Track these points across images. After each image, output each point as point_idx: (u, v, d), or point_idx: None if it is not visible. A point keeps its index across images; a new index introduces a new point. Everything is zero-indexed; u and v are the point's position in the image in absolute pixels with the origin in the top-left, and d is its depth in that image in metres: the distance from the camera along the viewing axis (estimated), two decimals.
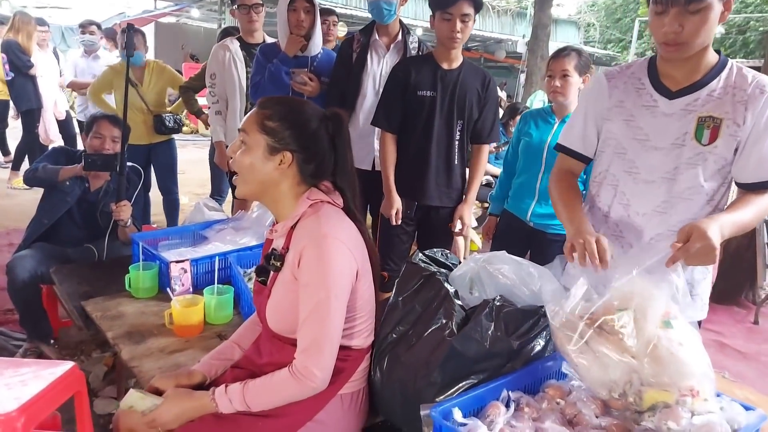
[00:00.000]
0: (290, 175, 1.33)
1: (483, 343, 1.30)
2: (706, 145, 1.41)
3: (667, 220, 1.47)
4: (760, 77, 1.40)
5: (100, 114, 2.71)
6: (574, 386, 1.28)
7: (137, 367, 1.60)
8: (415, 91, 2.30)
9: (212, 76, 3.21)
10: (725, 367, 3.03)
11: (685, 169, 1.44)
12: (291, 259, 1.30)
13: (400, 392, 1.34)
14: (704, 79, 1.42)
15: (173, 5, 12.61)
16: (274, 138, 1.30)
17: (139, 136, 3.80)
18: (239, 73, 3.16)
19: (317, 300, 1.24)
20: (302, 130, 1.31)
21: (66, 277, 2.21)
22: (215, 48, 3.23)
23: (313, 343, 1.24)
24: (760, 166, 1.39)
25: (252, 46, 3.19)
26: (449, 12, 2.18)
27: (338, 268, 1.26)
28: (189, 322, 1.79)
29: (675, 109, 1.45)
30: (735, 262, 3.91)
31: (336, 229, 1.29)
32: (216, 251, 2.18)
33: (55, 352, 2.50)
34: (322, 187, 1.38)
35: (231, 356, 1.50)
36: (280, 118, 1.30)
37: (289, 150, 1.30)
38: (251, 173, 1.32)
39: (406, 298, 1.45)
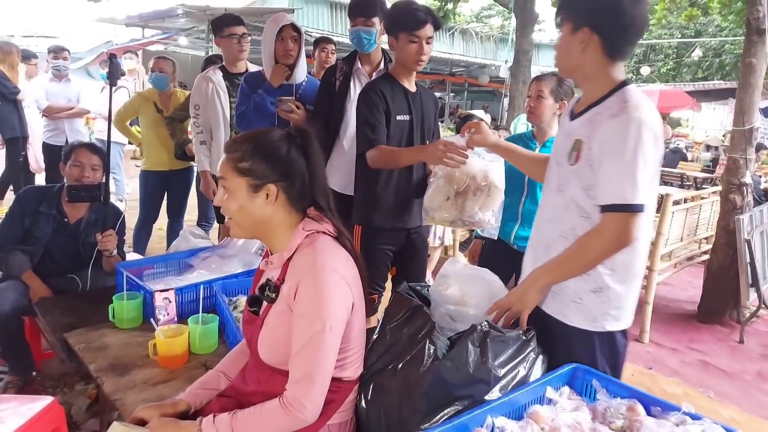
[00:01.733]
0: (280, 205, 1.33)
1: (467, 369, 1.31)
2: (573, 165, 1.48)
3: (558, 227, 1.53)
4: (630, 104, 1.38)
5: (78, 142, 2.70)
6: (558, 412, 1.29)
7: (120, 400, 1.58)
8: (394, 116, 2.30)
9: (196, 107, 3.22)
10: (710, 386, 3.05)
11: (565, 184, 1.51)
12: (287, 291, 1.30)
13: (386, 420, 1.34)
14: (594, 103, 1.47)
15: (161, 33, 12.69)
16: (252, 177, 1.30)
17: (160, 162, 3.88)
18: (222, 104, 3.18)
19: (312, 332, 1.24)
20: (275, 159, 1.32)
21: (49, 309, 2.18)
22: (198, 79, 3.24)
23: (306, 375, 1.24)
24: (601, 190, 1.40)
25: (235, 76, 3.22)
26: (416, 35, 2.18)
27: (335, 300, 1.26)
28: (173, 352, 1.77)
29: (570, 129, 1.54)
30: (718, 282, 3.96)
31: (333, 261, 1.29)
32: (201, 279, 2.17)
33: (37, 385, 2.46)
34: (313, 216, 1.39)
35: (217, 386, 1.49)
36: (251, 156, 1.31)
37: (270, 182, 1.31)
38: (242, 216, 1.33)
39: (393, 328, 1.46)
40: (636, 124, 1.34)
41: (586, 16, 1.43)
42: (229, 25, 3.14)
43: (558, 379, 1.40)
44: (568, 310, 1.50)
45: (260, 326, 1.36)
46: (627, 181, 1.34)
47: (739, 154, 3.78)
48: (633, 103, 1.37)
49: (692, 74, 19.33)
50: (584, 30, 1.42)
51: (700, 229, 4.27)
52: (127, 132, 4.17)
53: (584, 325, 1.49)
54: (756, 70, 3.65)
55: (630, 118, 1.35)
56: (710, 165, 9.33)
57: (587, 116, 1.48)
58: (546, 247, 1.55)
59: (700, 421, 1.22)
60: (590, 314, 1.48)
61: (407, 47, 2.20)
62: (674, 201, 3.69)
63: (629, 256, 1.44)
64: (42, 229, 2.45)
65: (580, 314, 1.49)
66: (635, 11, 1.38)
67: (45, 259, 2.48)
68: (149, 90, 4.01)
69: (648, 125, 1.35)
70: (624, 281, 1.47)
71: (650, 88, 13.58)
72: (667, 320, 4.02)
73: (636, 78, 19.24)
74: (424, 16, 2.16)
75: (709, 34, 18.45)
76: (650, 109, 1.39)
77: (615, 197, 1.35)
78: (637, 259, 1.48)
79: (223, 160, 1.34)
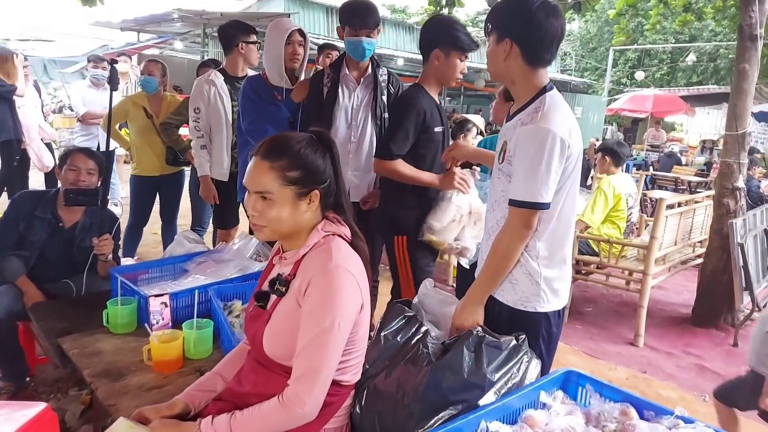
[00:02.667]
0: (315, 208, 1.36)
1: (461, 374, 1.31)
2: (501, 164, 1.65)
3: (495, 215, 1.71)
4: (540, 113, 1.54)
5: (75, 147, 2.70)
6: (551, 416, 1.30)
7: (114, 405, 1.57)
8: (432, 128, 2.32)
9: (196, 110, 3.21)
10: (705, 390, 3.06)
11: (497, 179, 1.70)
12: (297, 286, 1.31)
13: (380, 425, 1.35)
14: (520, 109, 1.63)
15: (156, 38, 12.70)
16: (300, 185, 1.32)
17: (150, 167, 3.88)
18: (225, 108, 3.19)
19: (320, 328, 1.24)
20: (316, 166, 1.34)
21: (43, 314, 2.17)
22: (199, 82, 3.23)
23: (309, 371, 1.25)
24: (511, 186, 1.58)
25: (236, 80, 3.23)
26: (467, 55, 2.28)
27: (346, 298, 1.27)
28: (168, 357, 1.77)
29: (503, 130, 1.74)
30: (712, 285, 3.97)
31: (347, 261, 1.31)
32: (197, 284, 2.17)
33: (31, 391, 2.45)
34: (331, 218, 1.41)
35: (214, 387, 1.49)
36: (298, 166, 1.31)
37: (315, 188, 1.34)
38: (283, 223, 1.33)
39: (388, 335, 1.48)
40: (542, 134, 1.50)
41: (506, 28, 1.58)
42: (256, 32, 3.26)
43: (551, 384, 1.41)
44: (506, 292, 1.64)
45: (267, 320, 1.36)
46: (532, 182, 1.51)
47: (733, 158, 3.80)
48: (543, 113, 1.53)
49: (687, 79, 19.44)
50: (506, 41, 1.57)
51: (694, 233, 4.29)
52: (115, 136, 4.14)
53: (519, 305, 1.62)
54: (749, 75, 3.68)
55: (538, 128, 1.51)
56: (704, 169, 9.38)
57: (513, 121, 1.64)
58: (489, 232, 1.73)
59: (693, 424, 1.23)
60: (524, 295, 1.62)
61: (454, 64, 2.28)
62: (668, 205, 3.71)
63: (552, 244, 1.60)
64: (37, 234, 2.44)
65: (516, 295, 1.63)
66: (548, 23, 1.53)
67: (39, 263, 2.47)
68: (138, 94, 3.98)
69: (552, 134, 1.49)
70: (551, 267, 1.61)
71: (645, 92, 13.65)
72: (662, 324, 4.03)
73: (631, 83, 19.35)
74: (475, 40, 2.28)
75: (704, 38, 18.57)
76: (560, 118, 1.53)
77: (518, 194, 1.54)
78: (561, 247, 1.64)
79: (263, 170, 1.31)
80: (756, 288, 3.81)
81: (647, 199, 6.98)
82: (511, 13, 1.58)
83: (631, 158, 10.50)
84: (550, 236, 1.59)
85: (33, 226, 2.44)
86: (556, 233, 1.60)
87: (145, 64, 3.92)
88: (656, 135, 12.27)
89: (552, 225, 1.58)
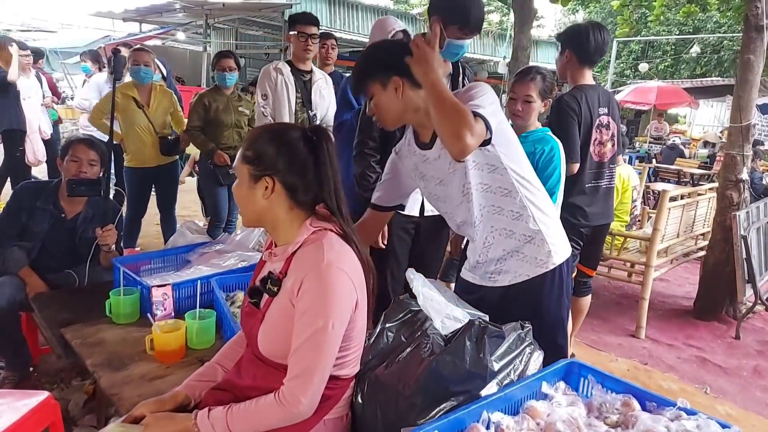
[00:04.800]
0: (280, 200, 1.33)
1: (463, 364, 1.31)
2: None
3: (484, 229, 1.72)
4: None
5: (76, 137, 2.69)
6: (553, 407, 1.30)
7: (117, 395, 1.57)
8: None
9: (264, 96, 3.20)
10: (706, 382, 3.07)
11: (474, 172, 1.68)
12: (290, 285, 1.29)
13: (381, 415, 1.34)
14: None
15: (158, 28, 12.66)
16: (254, 165, 1.31)
17: (145, 159, 3.85)
18: (290, 97, 3.19)
19: (315, 329, 1.23)
20: (278, 153, 1.31)
21: (46, 304, 2.18)
22: (267, 69, 3.23)
23: (305, 371, 1.24)
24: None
25: (301, 72, 3.25)
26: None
27: (339, 297, 1.25)
28: (170, 347, 1.77)
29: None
30: (714, 278, 3.97)
31: (339, 258, 1.28)
32: (199, 275, 2.17)
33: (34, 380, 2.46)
34: (321, 213, 1.38)
35: (214, 377, 1.48)
36: (257, 145, 1.32)
37: (268, 175, 1.31)
38: (244, 204, 1.36)
39: (391, 327, 1.48)
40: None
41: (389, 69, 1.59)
42: (301, 23, 3.16)
43: (553, 375, 1.41)
44: (521, 269, 1.66)
45: (261, 319, 1.35)
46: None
47: (736, 150, 3.78)
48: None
49: (690, 71, 19.30)
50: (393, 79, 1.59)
51: (697, 226, 4.28)
52: (105, 128, 3.94)
53: (539, 271, 1.66)
54: (754, 66, 3.65)
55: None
56: (708, 161, 9.34)
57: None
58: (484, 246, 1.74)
59: (695, 416, 1.22)
60: (536, 260, 1.65)
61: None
62: (671, 197, 3.70)
63: (538, 199, 1.66)
64: (39, 225, 2.45)
65: (530, 264, 1.66)
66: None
67: (42, 254, 2.47)
68: (126, 84, 3.89)
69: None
70: (544, 221, 1.66)
71: (648, 84, 13.56)
72: (664, 316, 4.03)
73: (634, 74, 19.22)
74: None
75: (708, 30, 18.42)
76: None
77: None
78: (545, 199, 1.70)
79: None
80: (759, 280, 3.81)
81: (650, 192, 6.95)
82: (379, 55, 1.65)
83: (634, 150, 10.46)
84: (536, 195, 1.66)
85: (35, 217, 2.44)
86: (539, 192, 1.68)
87: (135, 54, 3.81)
88: (659, 127, 12.20)
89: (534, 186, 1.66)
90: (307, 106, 3.24)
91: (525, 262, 1.66)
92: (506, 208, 1.63)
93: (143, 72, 3.78)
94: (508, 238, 1.65)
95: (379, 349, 1.47)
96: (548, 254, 1.66)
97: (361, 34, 12.67)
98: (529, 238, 1.64)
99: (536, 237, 1.64)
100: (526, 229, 1.64)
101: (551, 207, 1.73)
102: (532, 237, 1.64)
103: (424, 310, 1.54)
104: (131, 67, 3.77)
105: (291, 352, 1.26)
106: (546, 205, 1.70)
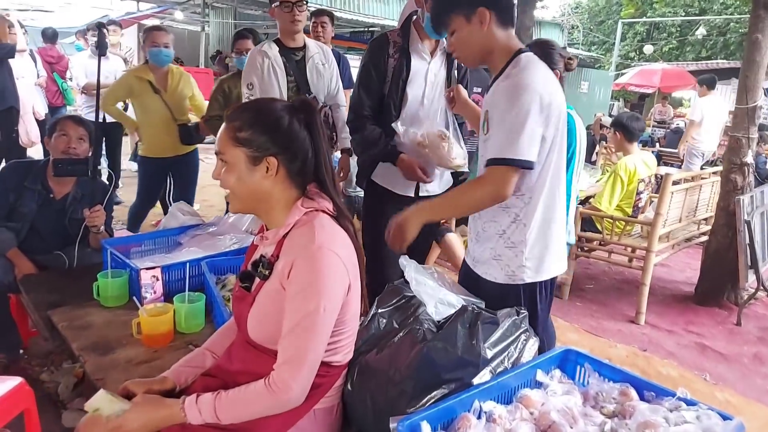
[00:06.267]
0: (280, 180, 1.28)
1: (455, 351, 1.27)
2: (486, 134, 1.57)
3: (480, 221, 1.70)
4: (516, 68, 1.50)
5: (62, 115, 2.63)
6: (548, 396, 1.26)
7: (103, 380, 1.55)
8: None
9: (249, 86, 2.83)
10: (706, 369, 3.03)
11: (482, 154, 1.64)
12: (281, 268, 1.25)
13: (372, 403, 1.31)
14: (497, 76, 1.57)
15: (156, 7, 12.50)
16: (252, 147, 1.25)
17: (163, 148, 3.53)
18: (280, 83, 2.80)
19: (305, 312, 1.19)
20: (277, 131, 1.26)
21: (33, 286, 2.14)
22: (252, 54, 2.87)
23: (295, 356, 1.20)
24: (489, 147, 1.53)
25: (292, 51, 2.85)
26: None
27: (331, 281, 1.21)
28: (158, 331, 1.74)
29: (484, 102, 1.64)
30: (716, 263, 3.91)
31: (331, 240, 1.24)
32: (190, 257, 2.12)
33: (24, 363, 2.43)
34: (312, 192, 1.34)
35: (202, 364, 1.45)
36: (250, 126, 1.26)
37: (271, 155, 1.26)
38: (240, 189, 1.28)
39: (383, 313, 1.45)
40: (520, 88, 1.44)
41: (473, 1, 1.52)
42: None
43: (549, 362, 1.37)
44: (492, 269, 1.62)
45: (251, 303, 1.31)
46: (509, 138, 1.44)
47: (742, 132, 3.70)
48: (520, 68, 1.48)
49: (696, 53, 19.05)
50: (479, 10, 1.51)
51: (700, 210, 4.22)
52: (117, 115, 3.72)
53: (505, 279, 1.60)
54: (762, 46, 3.55)
55: (513, 83, 1.46)
56: None
57: (492, 88, 1.57)
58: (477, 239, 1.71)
59: (695, 406, 1.18)
60: (509, 269, 1.59)
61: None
62: (674, 181, 3.63)
63: (540, 211, 1.56)
64: (27, 205, 2.39)
65: (501, 270, 1.60)
66: None
67: (31, 235, 2.43)
68: (141, 67, 3.57)
69: (530, 88, 1.44)
70: (537, 238, 1.58)
71: (653, 67, 13.40)
72: (664, 302, 3.99)
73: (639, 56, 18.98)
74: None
75: (714, 12, 18.15)
76: (538, 75, 1.47)
77: (496, 152, 1.46)
78: (549, 214, 1.58)
79: (221, 131, 1.28)
80: (761, 266, 3.75)
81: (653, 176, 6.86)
82: None
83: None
84: (535, 207, 1.55)
85: (23, 198, 2.39)
86: (541, 204, 1.56)
87: (153, 34, 3.44)
88: (663, 111, 12.07)
89: (536, 196, 1.54)
90: (303, 89, 2.88)
91: (498, 265, 1.61)
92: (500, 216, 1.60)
93: (164, 54, 3.43)
94: (493, 238, 1.62)
95: (370, 334, 1.44)
96: (520, 268, 1.58)
97: (362, 14, 12.49)
98: (512, 245, 1.59)
99: (517, 247, 1.58)
100: (513, 236, 1.59)
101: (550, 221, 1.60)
102: (514, 245, 1.58)
103: (417, 295, 1.50)
104: (149, 49, 3.41)
105: (282, 336, 1.22)
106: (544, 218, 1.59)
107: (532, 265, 1.58)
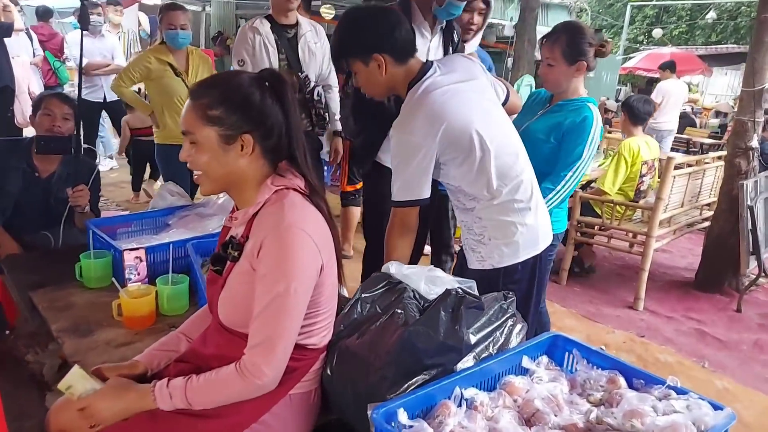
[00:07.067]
0: (255, 157, 1.23)
1: (437, 335, 1.22)
2: None
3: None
4: (401, 115, 1.63)
5: (48, 92, 2.57)
6: (533, 383, 1.21)
7: (81, 362, 1.50)
8: None
9: (240, 62, 2.79)
10: (705, 356, 2.98)
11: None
12: (250, 248, 1.21)
13: (351, 388, 1.26)
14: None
15: None
16: (224, 126, 1.19)
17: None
18: (271, 60, 2.75)
19: (275, 294, 1.15)
20: (250, 106, 1.20)
21: (15, 266, 2.10)
22: (243, 30, 2.81)
23: (266, 339, 1.16)
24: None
25: (284, 28, 2.80)
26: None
27: (301, 261, 1.17)
28: (139, 313, 1.70)
29: None
30: (718, 249, 3.85)
31: (302, 219, 1.19)
32: (177, 238, 2.08)
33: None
34: (283, 170, 1.28)
35: (176, 347, 1.41)
36: (221, 103, 1.19)
37: (245, 132, 1.20)
38: (213, 169, 1.22)
39: (367, 298, 1.39)
40: (400, 141, 1.59)
41: (366, 47, 1.59)
42: None
43: (536, 348, 1.32)
44: (472, 258, 1.75)
45: (222, 286, 1.27)
46: (398, 183, 1.64)
47: (748, 116, 3.61)
48: (403, 114, 1.59)
49: (705, 37, 18.73)
50: (374, 57, 1.58)
51: (703, 195, 4.14)
52: (131, 98, 3.50)
53: (480, 266, 1.72)
54: None
55: (395, 133, 1.60)
56: (718, 131, 9.10)
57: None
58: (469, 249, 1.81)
59: (686, 396, 1.13)
60: (481, 257, 1.72)
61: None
62: (676, 165, 3.55)
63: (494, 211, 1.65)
64: (12, 184, 2.35)
65: (476, 259, 1.73)
66: (387, 20, 1.60)
67: (16, 214, 2.39)
68: (159, 48, 3.36)
69: (402, 134, 1.58)
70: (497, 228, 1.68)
71: (662, 51, 13.18)
72: (664, 288, 3.93)
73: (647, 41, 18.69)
74: None
75: None
76: (418, 115, 1.56)
77: (394, 195, 1.65)
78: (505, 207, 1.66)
79: (187, 109, 1.22)
80: (763, 252, 3.70)
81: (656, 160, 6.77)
82: (359, 33, 1.61)
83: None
84: (487, 205, 1.65)
85: (8, 176, 2.34)
86: (493, 202, 1.64)
87: (169, 16, 3.24)
88: None
89: (484, 196, 1.64)
90: (295, 67, 2.82)
91: (474, 255, 1.73)
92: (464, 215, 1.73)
93: (181, 37, 3.27)
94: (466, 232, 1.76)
95: (352, 319, 1.38)
96: (491, 257, 1.69)
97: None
98: (479, 237, 1.71)
99: (482, 241, 1.70)
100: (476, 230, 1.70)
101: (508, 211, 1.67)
102: (481, 238, 1.70)
103: (404, 280, 1.45)
104: (166, 31, 3.26)
105: (252, 319, 1.18)
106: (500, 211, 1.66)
107: (500, 252, 1.68)
